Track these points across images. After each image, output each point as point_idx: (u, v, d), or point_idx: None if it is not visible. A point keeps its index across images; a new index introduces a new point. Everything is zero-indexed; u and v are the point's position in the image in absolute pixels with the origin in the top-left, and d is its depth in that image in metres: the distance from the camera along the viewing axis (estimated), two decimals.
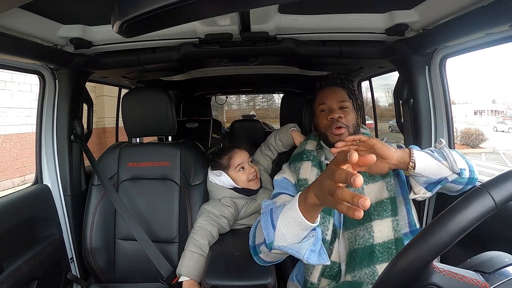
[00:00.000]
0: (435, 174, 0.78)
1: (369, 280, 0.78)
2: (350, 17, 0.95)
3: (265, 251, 0.77)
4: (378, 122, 2.18)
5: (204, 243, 1.03)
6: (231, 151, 1.24)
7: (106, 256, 1.18)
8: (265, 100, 16.95)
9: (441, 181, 0.78)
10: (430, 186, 0.80)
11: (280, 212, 0.71)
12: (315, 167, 0.93)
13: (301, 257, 0.67)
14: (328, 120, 0.93)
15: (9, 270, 0.92)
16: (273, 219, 0.72)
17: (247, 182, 1.20)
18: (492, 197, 0.38)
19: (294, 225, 0.67)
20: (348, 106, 0.95)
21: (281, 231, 0.69)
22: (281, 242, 0.69)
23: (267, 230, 0.72)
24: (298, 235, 0.67)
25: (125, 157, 1.24)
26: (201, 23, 0.94)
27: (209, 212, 1.10)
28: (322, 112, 0.96)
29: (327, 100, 0.96)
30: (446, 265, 0.42)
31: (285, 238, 0.68)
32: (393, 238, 0.81)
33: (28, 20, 0.82)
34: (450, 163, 0.77)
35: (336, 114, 0.92)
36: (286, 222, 0.68)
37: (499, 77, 24.69)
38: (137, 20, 0.43)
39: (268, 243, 0.72)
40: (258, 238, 0.79)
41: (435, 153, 0.80)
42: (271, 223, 0.72)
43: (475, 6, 0.73)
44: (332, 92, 0.97)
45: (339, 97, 0.95)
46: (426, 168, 0.77)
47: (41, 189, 1.16)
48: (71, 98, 1.18)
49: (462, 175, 0.78)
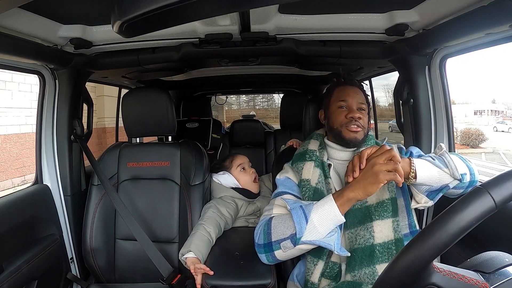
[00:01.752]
0: (436, 182, 0.78)
1: (369, 280, 0.78)
2: (350, 17, 0.95)
3: (288, 247, 0.79)
4: (378, 122, 2.18)
5: (214, 231, 1.05)
6: (232, 155, 1.39)
7: (106, 256, 1.18)
8: (265, 100, 16.96)
9: (443, 189, 0.79)
10: (431, 194, 0.80)
11: (312, 208, 0.78)
12: (318, 167, 0.93)
13: (332, 248, 0.75)
14: (346, 118, 0.93)
15: (9, 270, 0.92)
16: (305, 213, 0.77)
17: (250, 182, 1.30)
18: (492, 197, 0.38)
19: (328, 219, 0.75)
20: (365, 109, 0.96)
21: (313, 224, 0.76)
22: (312, 236, 0.76)
23: (300, 224, 0.77)
24: (328, 229, 0.75)
25: (125, 157, 1.24)
26: (201, 23, 0.94)
27: (216, 206, 1.15)
28: (340, 108, 0.95)
29: (348, 98, 0.95)
30: (446, 265, 0.42)
31: (317, 231, 0.75)
32: (393, 238, 0.81)
33: (28, 20, 0.82)
34: (451, 170, 0.78)
35: (357, 114, 0.92)
36: (320, 216, 0.76)
37: (499, 77, 24.68)
38: (137, 20, 0.43)
39: (299, 237, 0.76)
40: (279, 234, 0.80)
41: (436, 161, 0.80)
42: (304, 217, 0.77)
43: (475, 6, 0.73)
44: (353, 91, 0.96)
45: (359, 98, 0.96)
46: (427, 177, 0.77)
47: (41, 189, 1.16)
48: (71, 98, 1.18)
49: (463, 181, 0.78)
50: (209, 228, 1.05)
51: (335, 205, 0.75)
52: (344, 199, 0.75)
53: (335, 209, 0.75)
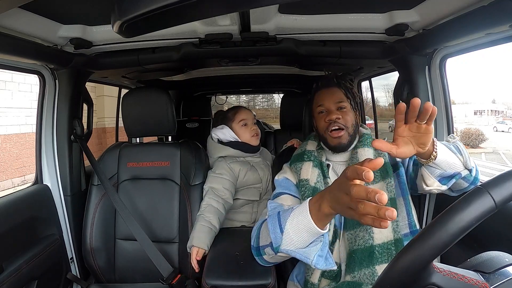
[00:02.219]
0: (451, 167, 0.77)
1: (368, 280, 0.78)
2: (350, 17, 0.95)
3: (270, 254, 0.77)
4: (378, 122, 2.18)
5: (213, 218, 1.08)
6: (237, 108, 1.34)
7: (106, 256, 1.18)
8: (265, 100, 16.93)
9: (455, 175, 0.78)
10: (444, 179, 0.79)
11: (288, 216, 0.70)
12: (316, 167, 0.93)
13: (309, 262, 0.67)
14: (326, 122, 0.91)
15: (9, 270, 0.92)
16: (281, 222, 0.71)
17: (249, 137, 1.29)
18: (492, 197, 0.38)
19: (304, 231, 0.66)
20: (346, 106, 0.93)
21: (289, 235, 0.68)
22: (289, 246, 0.69)
23: (275, 233, 0.72)
24: (306, 241, 0.67)
25: (125, 157, 1.24)
26: (201, 23, 0.94)
27: (212, 189, 1.15)
28: (320, 114, 0.94)
29: (324, 102, 0.93)
30: (446, 265, 0.42)
31: (293, 243, 0.68)
32: (393, 239, 0.81)
33: (28, 20, 0.82)
34: (465, 158, 0.77)
35: (333, 115, 0.90)
36: (296, 227, 0.67)
37: (499, 77, 24.69)
38: (137, 20, 0.43)
39: (275, 246, 0.72)
40: (263, 239, 0.79)
41: (451, 146, 0.79)
42: (279, 227, 0.71)
43: (475, 6, 0.73)
44: (329, 93, 0.95)
45: (336, 97, 0.93)
46: (445, 160, 0.75)
47: (41, 189, 1.16)
48: (71, 98, 1.18)
49: (471, 173, 0.78)
50: (207, 216, 1.07)
51: (309, 218, 0.64)
52: (321, 213, 0.63)
53: (309, 222, 0.64)
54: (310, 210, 0.65)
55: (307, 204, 0.67)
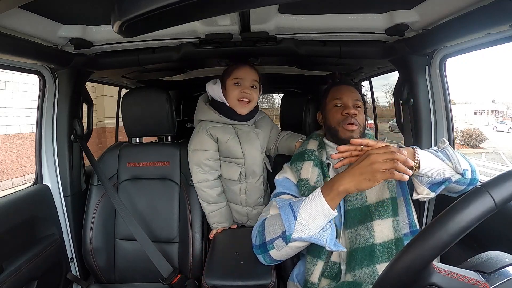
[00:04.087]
0: (439, 174, 0.78)
1: (369, 280, 0.78)
2: (350, 17, 0.95)
3: (281, 245, 0.78)
4: (378, 122, 2.18)
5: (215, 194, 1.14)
6: (240, 65, 1.16)
7: (106, 256, 1.18)
8: (265, 100, 16.89)
9: (445, 182, 0.79)
10: (433, 186, 0.80)
11: (301, 204, 0.76)
12: (317, 167, 0.93)
13: (324, 244, 0.73)
14: (342, 115, 0.95)
15: (9, 270, 0.92)
16: (294, 210, 0.76)
17: (236, 100, 1.12)
18: (492, 197, 0.38)
19: (318, 214, 0.73)
20: (361, 106, 0.98)
21: (303, 221, 0.74)
22: (302, 233, 0.74)
23: (289, 222, 0.76)
24: (319, 225, 0.73)
25: (125, 157, 1.24)
26: (201, 23, 0.94)
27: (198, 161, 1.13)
28: (336, 107, 0.97)
29: (343, 96, 0.97)
30: (446, 265, 0.42)
31: (307, 228, 0.73)
32: (394, 238, 0.81)
33: (28, 20, 0.82)
34: (454, 163, 0.77)
35: (352, 110, 0.94)
36: (309, 212, 0.74)
37: (499, 77, 24.70)
38: (137, 20, 0.43)
39: (288, 234, 0.75)
40: (270, 233, 0.80)
41: (439, 153, 0.80)
42: (293, 214, 0.76)
43: (475, 6, 0.73)
44: (349, 90, 0.99)
45: (355, 96, 0.98)
46: (430, 168, 0.77)
47: (41, 189, 1.16)
48: (71, 98, 1.18)
49: (465, 176, 0.78)
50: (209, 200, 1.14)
51: (323, 200, 0.73)
52: (334, 193, 0.72)
53: (323, 204, 0.73)
54: (322, 192, 0.74)
55: (319, 189, 0.75)
